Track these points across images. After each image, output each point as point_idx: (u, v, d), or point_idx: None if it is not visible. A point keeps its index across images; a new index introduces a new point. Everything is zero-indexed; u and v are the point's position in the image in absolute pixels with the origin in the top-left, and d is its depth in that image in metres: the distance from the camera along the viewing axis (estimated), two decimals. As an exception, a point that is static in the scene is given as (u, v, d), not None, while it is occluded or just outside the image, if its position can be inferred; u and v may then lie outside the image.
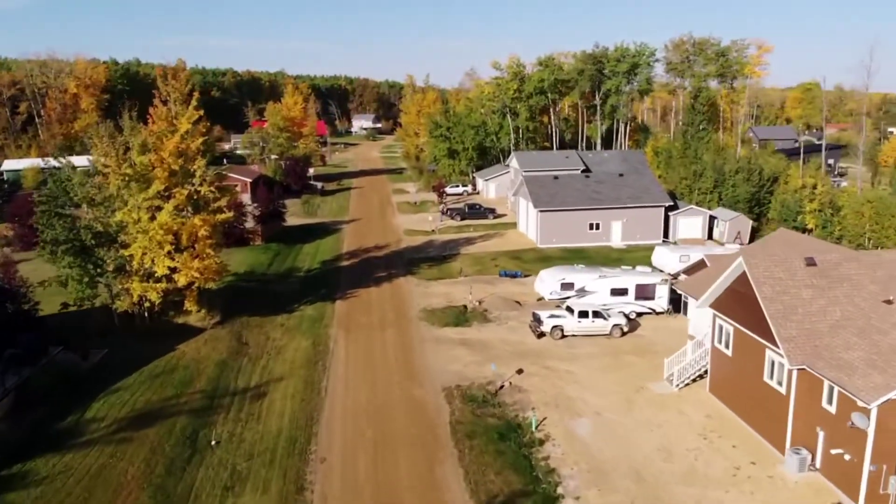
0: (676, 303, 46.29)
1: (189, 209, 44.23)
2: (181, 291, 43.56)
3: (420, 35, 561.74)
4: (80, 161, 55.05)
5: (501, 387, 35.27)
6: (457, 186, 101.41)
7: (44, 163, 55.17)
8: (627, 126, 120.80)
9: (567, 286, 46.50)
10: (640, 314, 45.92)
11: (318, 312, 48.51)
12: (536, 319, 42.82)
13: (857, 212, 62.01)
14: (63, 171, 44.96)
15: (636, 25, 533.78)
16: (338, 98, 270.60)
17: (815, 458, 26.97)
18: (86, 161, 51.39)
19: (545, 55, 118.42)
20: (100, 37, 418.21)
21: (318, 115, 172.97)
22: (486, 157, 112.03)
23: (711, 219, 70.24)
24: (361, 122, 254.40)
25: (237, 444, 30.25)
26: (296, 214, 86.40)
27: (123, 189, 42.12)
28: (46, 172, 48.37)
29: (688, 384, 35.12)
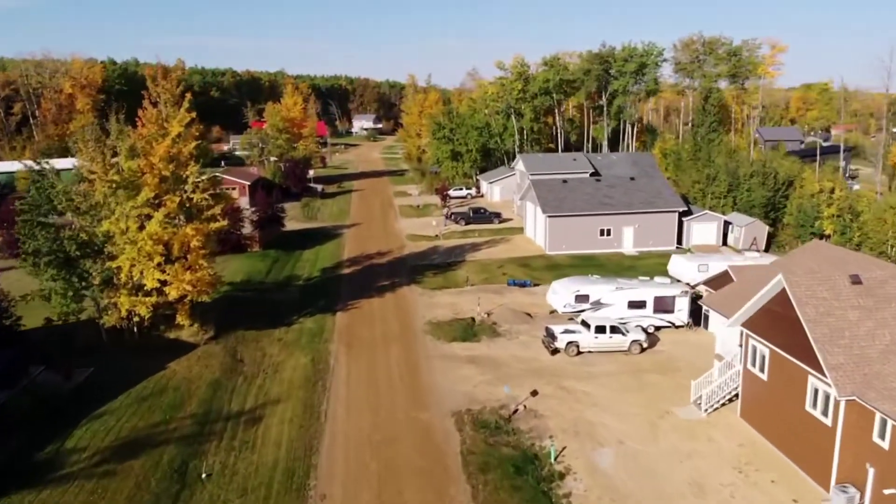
0: (696, 315, 43.83)
1: (181, 218, 41.52)
2: (172, 305, 40.98)
3: (421, 34, 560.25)
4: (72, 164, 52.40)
5: (515, 411, 32.75)
6: (460, 189, 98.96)
7: (24, 167, 52.43)
8: (634, 127, 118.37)
9: (582, 298, 43.91)
10: (659, 328, 43.45)
11: (318, 325, 46.01)
12: (550, 335, 40.30)
13: (880, 218, 59.51)
14: (46, 178, 42.32)
15: (642, 25, 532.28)
16: (338, 98, 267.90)
17: (864, 497, 24.55)
18: (76, 164, 48.86)
19: (550, 55, 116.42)
20: (97, 37, 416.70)
21: (318, 116, 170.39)
22: (490, 159, 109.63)
23: (726, 224, 67.79)
24: (362, 123, 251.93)
25: (230, 478, 27.73)
26: (295, 218, 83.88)
27: (110, 197, 39.43)
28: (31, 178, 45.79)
29: (716, 408, 32.63)
